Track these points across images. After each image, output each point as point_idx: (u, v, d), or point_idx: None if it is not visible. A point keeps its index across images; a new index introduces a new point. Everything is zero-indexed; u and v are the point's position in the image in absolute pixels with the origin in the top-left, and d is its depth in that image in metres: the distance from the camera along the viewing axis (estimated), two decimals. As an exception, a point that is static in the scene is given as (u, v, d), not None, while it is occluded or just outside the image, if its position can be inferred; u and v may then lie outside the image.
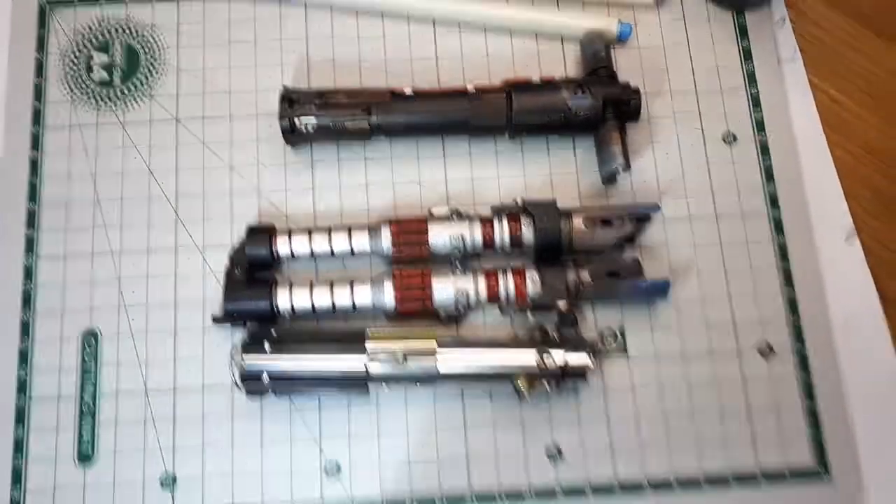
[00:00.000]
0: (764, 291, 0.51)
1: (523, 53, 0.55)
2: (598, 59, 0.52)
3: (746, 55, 0.56)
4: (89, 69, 0.55)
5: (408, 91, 0.51)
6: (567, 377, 0.47)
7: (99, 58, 0.56)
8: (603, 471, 0.48)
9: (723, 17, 0.57)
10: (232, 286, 0.49)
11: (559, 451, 0.49)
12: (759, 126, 0.54)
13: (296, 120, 0.51)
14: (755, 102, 0.55)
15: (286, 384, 0.47)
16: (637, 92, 0.51)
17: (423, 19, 0.56)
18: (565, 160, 0.54)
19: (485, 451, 0.49)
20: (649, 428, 0.49)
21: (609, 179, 0.52)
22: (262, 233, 0.50)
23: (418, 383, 0.47)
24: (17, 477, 0.48)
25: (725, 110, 0.55)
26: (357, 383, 0.47)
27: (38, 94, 0.55)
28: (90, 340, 0.50)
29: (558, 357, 0.47)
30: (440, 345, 0.47)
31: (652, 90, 0.54)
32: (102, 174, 0.53)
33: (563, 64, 0.55)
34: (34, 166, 0.53)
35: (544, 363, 0.47)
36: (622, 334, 0.51)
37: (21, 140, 0.54)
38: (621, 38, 0.55)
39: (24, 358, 0.50)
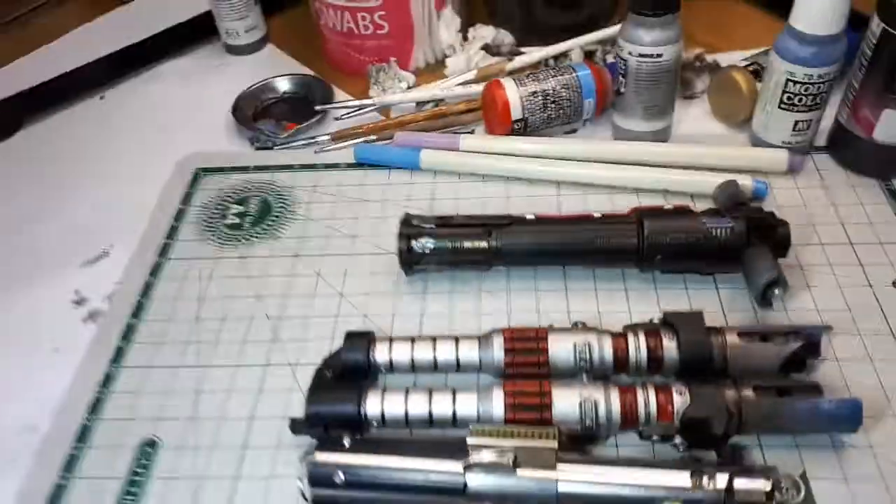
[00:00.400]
0: None
1: (652, 211, 0.53)
2: (736, 198, 0.49)
3: (903, 214, 0.52)
4: (223, 216, 0.58)
5: (529, 216, 0.49)
6: None
7: (235, 209, 0.58)
8: None
9: (867, 182, 0.54)
10: (318, 387, 0.43)
11: None
12: (937, 276, 0.47)
13: (413, 242, 0.49)
14: (925, 254, 0.49)
15: (362, 492, 0.37)
16: (785, 222, 0.47)
17: (548, 181, 0.57)
18: (707, 297, 0.47)
19: None
20: None
21: (764, 300, 0.45)
22: (360, 337, 0.45)
23: None
24: None
25: (891, 259, 0.49)
26: (451, 502, 0.37)
27: (171, 233, 0.57)
28: (147, 451, 0.43)
29: (721, 481, 0.35)
30: (562, 460, 0.37)
31: (798, 242, 0.50)
32: (210, 298, 0.52)
33: (696, 222, 0.52)
34: (147, 288, 0.53)
35: (701, 485, 0.35)
36: (805, 482, 0.38)
37: (142, 268, 0.54)
38: (757, 195, 0.53)
39: (69, 465, 0.43)
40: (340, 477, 0.37)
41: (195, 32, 0.79)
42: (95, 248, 0.57)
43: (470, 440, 0.37)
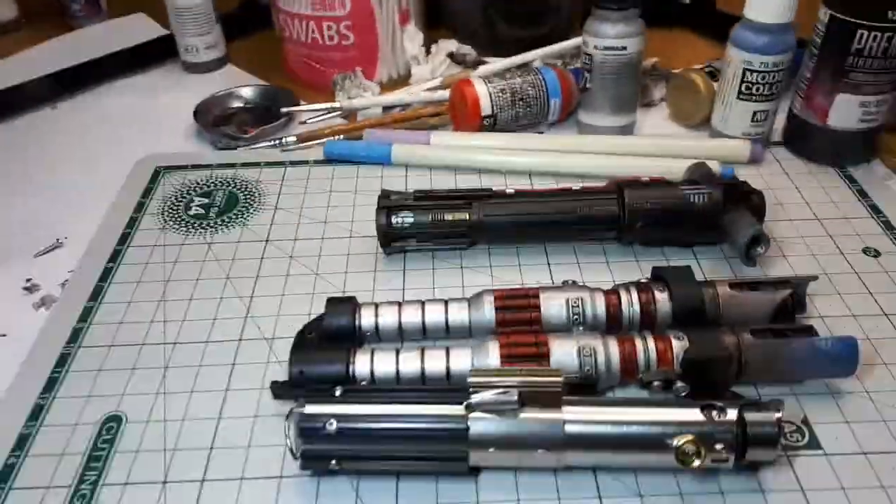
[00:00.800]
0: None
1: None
2: (708, 175, 0.50)
3: (862, 194, 0.54)
4: (187, 208, 0.55)
5: (509, 190, 0.49)
6: (752, 446, 0.34)
7: (199, 200, 0.56)
8: None
9: (824, 169, 0.57)
10: (302, 347, 0.40)
11: (757, 569, 0.32)
12: (902, 243, 0.49)
13: (392, 217, 0.48)
14: (889, 227, 0.51)
15: (355, 444, 0.34)
16: (759, 191, 0.48)
17: (520, 172, 0.57)
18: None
19: (642, 565, 0.32)
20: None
21: (748, 258, 0.45)
22: (343, 302, 0.43)
23: (539, 450, 0.34)
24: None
25: (857, 231, 0.50)
26: (453, 450, 0.34)
27: (131, 223, 0.54)
28: (111, 427, 0.39)
29: (731, 414, 0.34)
30: (567, 402, 0.35)
31: (769, 218, 0.51)
32: (175, 280, 0.49)
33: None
34: (105, 273, 0.49)
35: (713, 420, 0.34)
36: (808, 426, 0.38)
37: (99, 255, 0.51)
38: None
39: (20, 444, 0.39)
40: (333, 425, 0.34)
41: (151, 53, 0.78)
42: (48, 240, 0.54)
43: (471, 380, 0.35)
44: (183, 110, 0.67)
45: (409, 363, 0.39)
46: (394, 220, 0.48)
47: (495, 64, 0.66)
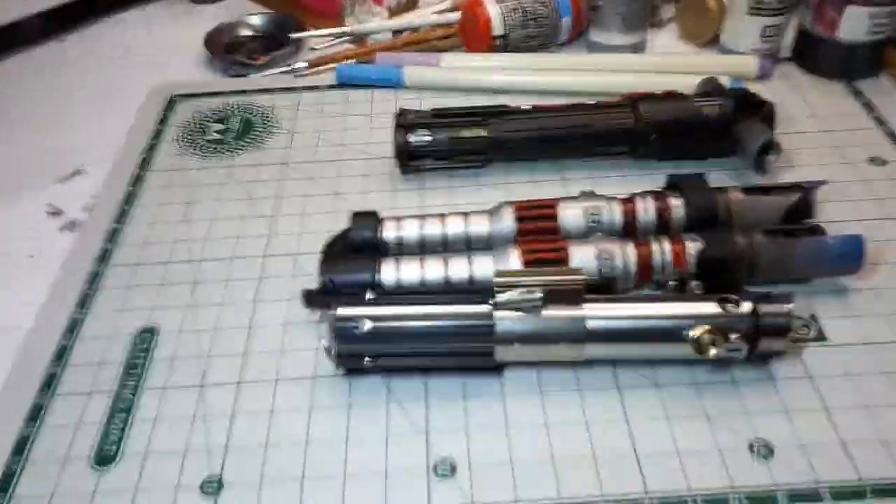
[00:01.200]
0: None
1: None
2: (719, 88, 0.51)
3: (868, 107, 0.55)
4: (203, 133, 0.56)
5: (525, 106, 0.50)
6: (764, 336, 0.35)
7: (215, 126, 0.57)
8: (840, 473, 0.33)
9: (832, 84, 0.57)
10: (331, 258, 0.41)
11: (769, 449, 0.34)
12: (908, 152, 0.50)
13: (410, 136, 0.49)
14: (894, 137, 0.52)
15: (387, 343, 0.36)
16: (769, 103, 0.49)
17: (533, 91, 0.57)
18: (699, 180, 0.49)
19: (659, 447, 0.34)
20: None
21: (759, 166, 0.46)
22: (367, 216, 0.44)
23: (561, 344, 0.36)
24: (7, 481, 0.35)
25: (864, 142, 0.51)
26: (479, 347, 0.36)
27: (150, 150, 0.55)
28: (146, 337, 0.41)
29: (746, 306, 0.36)
30: (587, 300, 0.37)
31: (778, 130, 0.51)
32: (197, 201, 0.50)
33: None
34: (129, 197, 0.51)
35: (729, 312, 0.35)
36: (816, 320, 0.39)
37: (122, 180, 0.52)
38: (735, 94, 0.55)
39: (59, 355, 0.40)
40: (366, 325, 0.36)
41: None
42: (67, 168, 0.55)
43: (497, 279, 0.36)
44: (191, 40, 0.67)
45: (434, 270, 0.40)
46: (411, 138, 0.49)
47: (504, -14, 0.66)
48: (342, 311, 0.37)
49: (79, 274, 0.45)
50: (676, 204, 0.42)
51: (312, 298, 0.41)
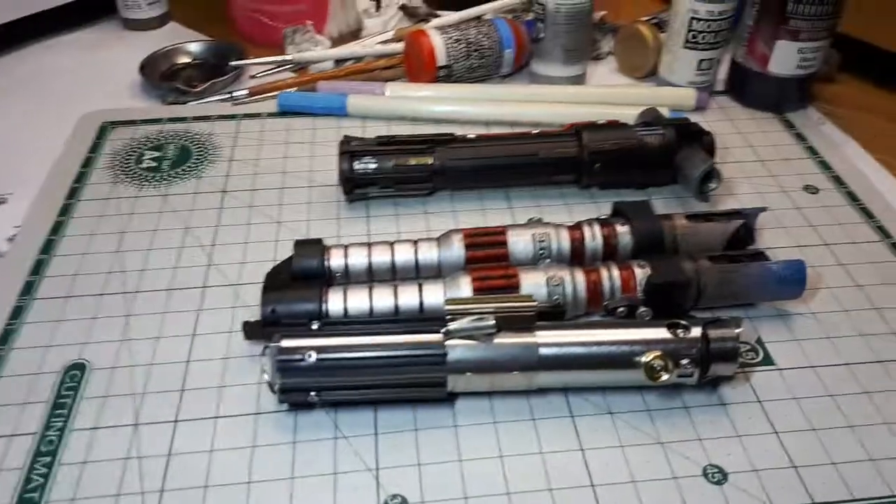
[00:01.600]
0: None
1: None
2: (660, 119, 0.52)
3: (799, 137, 0.57)
4: (138, 161, 0.54)
5: (471, 135, 0.50)
6: (714, 361, 0.35)
7: (151, 154, 0.55)
8: (793, 496, 0.33)
9: (765, 115, 0.59)
10: (273, 287, 0.40)
11: (723, 474, 0.34)
12: (838, 181, 0.52)
13: (355, 163, 0.48)
14: (825, 166, 0.54)
15: (334, 376, 0.35)
16: (709, 133, 0.50)
17: (477, 122, 0.57)
18: (643, 208, 0.49)
19: (614, 475, 0.34)
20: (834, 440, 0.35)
21: (701, 193, 0.47)
22: (311, 244, 0.42)
23: (514, 372, 0.35)
24: (-85, 535, 0.32)
25: (797, 171, 0.53)
26: (431, 377, 0.35)
27: (80, 178, 0.52)
28: (75, 375, 0.39)
29: (696, 331, 0.36)
30: (539, 327, 0.36)
31: (716, 161, 0.53)
32: (131, 231, 0.48)
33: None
34: (57, 227, 0.48)
35: (679, 337, 0.35)
36: (762, 345, 0.40)
37: (48, 209, 0.49)
38: (674, 124, 0.56)
39: (-20, 395, 0.38)
40: (312, 357, 0.34)
41: (91, 8, 0.74)
42: (-10, 196, 0.52)
43: (447, 307, 0.35)
44: (126, 67, 0.65)
45: (383, 299, 0.39)
46: (356, 165, 0.48)
47: (448, 17, 0.67)
48: (286, 342, 0.35)
49: (1, 308, 0.42)
50: (622, 230, 0.43)
51: (254, 330, 0.39)
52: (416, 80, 0.61)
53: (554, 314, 0.39)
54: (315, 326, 0.36)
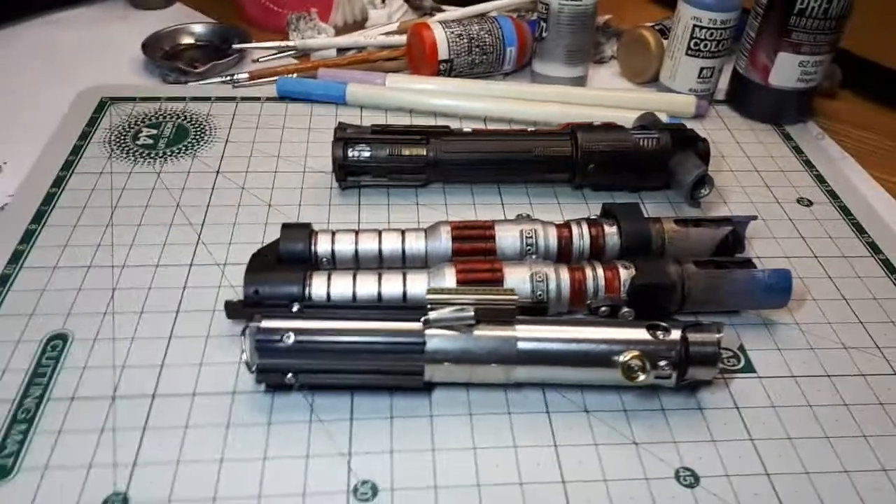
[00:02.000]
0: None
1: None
2: (656, 123, 0.52)
3: (797, 150, 0.57)
4: (135, 137, 0.54)
5: (467, 129, 0.50)
6: (692, 364, 0.35)
7: (148, 131, 0.55)
8: (765, 501, 0.33)
9: (763, 126, 0.59)
10: (257, 269, 0.40)
11: (695, 477, 0.34)
12: (833, 195, 0.52)
13: (349, 150, 0.48)
14: (821, 180, 0.54)
15: (312, 358, 0.35)
16: (704, 139, 0.50)
17: (475, 116, 0.58)
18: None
19: (586, 473, 0.34)
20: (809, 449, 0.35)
21: (693, 199, 0.47)
22: (299, 228, 0.42)
23: (492, 365, 0.35)
24: None
25: (792, 183, 0.53)
26: (409, 365, 0.35)
27: (76, 151, 0.52)
28: (56, 344, 0.39)
29: (676, 334, 0.36)
30: (520, 322, 0.36)
31: (711, 168, 0.53)
32: (123, 206, 0.48)
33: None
34: (49, 198, 0.48)
35: (658, 339, 0.35)
36: (743, 352, 0.40)
37: (42, 179, 0.49)
38: (671, 130, 0.56)
39: (-41, 359, 0.38)
40: (290, 339, 0.34)
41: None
42: (-16, 165, 0.52)
43: (429, 297, 0.35)
44: (129, 45, 0.65)
45: (366, 286, 0.39)
46: (350, 153, 0.48)
47: (452, 12, 0.67)
48: (265, 323, 0.35)
49: (-13, 276, 0.42)
50: (610, 231, 0.43)
51: (236, 310, 0.39)
52: (418, 73, 0.61)
53: (536, 310, 0.39)
54: (295, 309, 0.36)
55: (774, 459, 0.35)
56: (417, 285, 0.40)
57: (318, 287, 0.39)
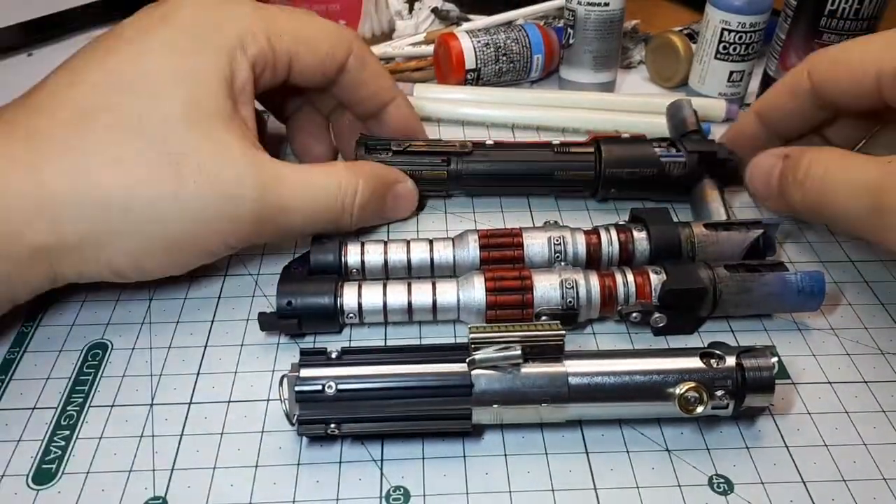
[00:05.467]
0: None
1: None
2: (686, 124, 0.52)
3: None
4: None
5: (489, 142, 0.50)
6: (749, 392, 0.34)
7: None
8: (800, 510, 0.33)
9: (795, 129, 0.59)
10: (289, 278, 0.41)
11: (729, 484, 0.33)
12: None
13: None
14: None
15: (354, 407, 0.34)
16: (733, 153, 0.49)
17: (503, 125, 0.58)
18: (664, 216, 0.49)
19: (618, 480, 0.34)
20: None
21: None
22: (329, 240, 0.43)
23: (542, 404, 0.34)
24: (-65, 499, 0.33)
25: (825, 185, 0.52)
26: (455, 408, 0.34)
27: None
28: (97, 353, 0.40)
29: (731, 360, 0.34)
30: (567, 356, 0.35)
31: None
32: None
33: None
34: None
35: (713, 366, 0.34)
36: (776, 355, 0.39)
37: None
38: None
39: (4, 369, 0.39)
40: (332, 388, 0.33)
41: (128, 3, 0.76)
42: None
43: (471, 336, 0.34)
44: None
45: (397, 295, 0.40)
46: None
47: (479, 21, 0.67)
48: (304, 371, 0.34)
49: (29, 287, 0.44)
50: (640, 237, 0.43)
51: (269, 321, 0.40)
52: (445, 83, 0.62)
53: (566, 317, 0.39)
54: (333, 356, 0.35)
55: (810, 466, 0.34)
56: (447, 294, 0.40)
57: (350, 297, 0.40)
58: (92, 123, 0.36)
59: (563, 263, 0.42)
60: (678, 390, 0.34)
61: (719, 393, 0.34)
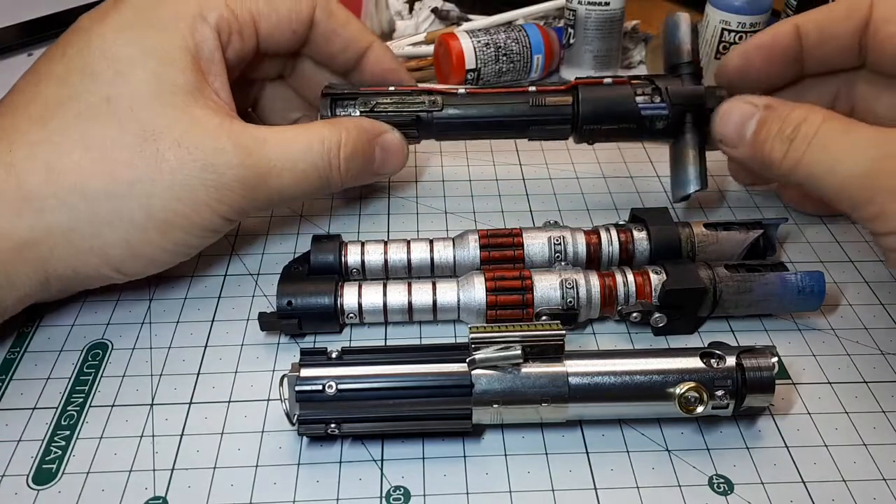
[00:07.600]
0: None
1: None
2: (681, 52, 0.47)
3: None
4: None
5: (461, 91, 0.46)
6: (750, 392, 0.34)
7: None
8: (801, 511, 0.33)
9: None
10: (289, 278, 0.41)
11: (729, 485, 0.34)
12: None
13: (337, 109, 0.45)
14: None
15: (354, 407, 0.34)
16: (723, 98, 0.44)
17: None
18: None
19: (618, 480, 0.34)
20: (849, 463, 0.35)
21: (682, 199, 0.46)
22: (329, 240, 0.43)
23: (542, 404, 0.34)
24: (-64, 500, 0.33)
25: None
26: (455, 408, 0.34)
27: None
28: (97, 353, 0.40)
29: (730, 360, 0.35)
30: (568, 356, 0.35)
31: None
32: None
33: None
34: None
35: (713, 366, 0.34)
36: (776, 355, 0.39)
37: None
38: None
39: (4, 368, 0.39)
40: (332, 388, 0.33)
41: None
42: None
43: (472, 336, 0.34)
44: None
45: (397, 295, 0.40)
46: (339, 112, 0.45)
47: (479, 21, 0.67)
48: (305, 371, 0.34)
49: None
50: (639, 236, 0.43)
51: (269, 321, 0.40)
52: (445, 82, 0.62)
53: (567, 317, 0.39)
54: (334, 355, 0.35)
55: (810, 467, 0.34)
56: (447, 294, 0.40)
57: (350, 297, 0.40)
58: (62, 114, 0.36)
59: (563, 263, 0.42)
60: (678, 390, 0.34)
61: (719, 393, 0.34)
